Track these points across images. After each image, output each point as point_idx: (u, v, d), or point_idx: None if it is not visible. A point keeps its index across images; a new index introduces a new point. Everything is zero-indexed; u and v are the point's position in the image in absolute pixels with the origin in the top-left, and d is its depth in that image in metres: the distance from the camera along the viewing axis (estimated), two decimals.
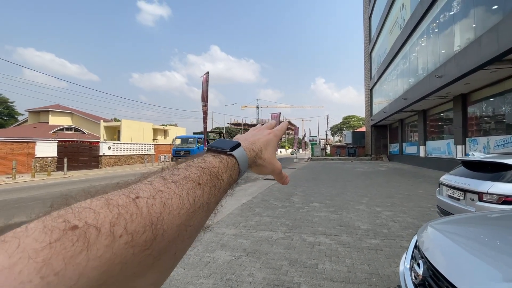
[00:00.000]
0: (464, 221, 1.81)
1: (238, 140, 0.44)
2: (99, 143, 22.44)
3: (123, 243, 0.21)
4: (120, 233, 0.21)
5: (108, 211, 0.22)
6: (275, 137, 0.53)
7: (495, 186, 2.96)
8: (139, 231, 0.23)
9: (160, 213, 0.25)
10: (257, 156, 0.45)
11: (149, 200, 0.25)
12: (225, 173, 0.37)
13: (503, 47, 7.25)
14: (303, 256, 3.55)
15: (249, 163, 0.43)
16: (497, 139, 10.29)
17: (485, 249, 1.43)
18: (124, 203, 0.24)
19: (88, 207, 0.22)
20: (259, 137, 0.49)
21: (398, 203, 6.76)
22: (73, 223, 0.20)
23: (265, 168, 0.48)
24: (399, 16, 18.61)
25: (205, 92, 7.81)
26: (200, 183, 0.32)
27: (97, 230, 0.20)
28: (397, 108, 18.26)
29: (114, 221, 0.22)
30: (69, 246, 0.19)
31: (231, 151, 0.40)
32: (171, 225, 0.26)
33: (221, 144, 0.41)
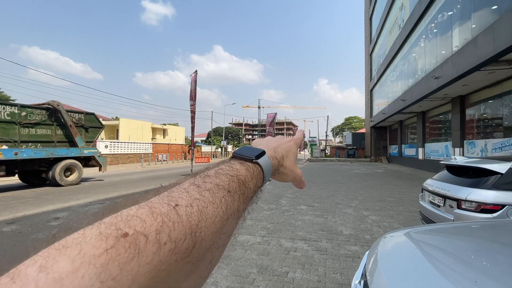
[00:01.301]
0: (424, 234, 1.64)
1: (261, 148, 0.44)
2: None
3: (168, 250, 0.23)
4: (165, 241, 0.23)
5: (153, 219, 0.23)
6: (295, 144, 0.53)
7: (474, 192, 2.77)
8: (181, 239, 0.24)
9: (198, 221, 0.26)
10: (279, 164, 0.46)
11: (188, 208, 0.26)
12: (251, 181, 0.37)
13: (499, 47, 7.04)
14: (275, 263, 3.39)
15: (273, 171, 0.44)
16: (495, 142, 10.05)
17: (438, 275, 1.26)
18: (166, 211, 0.25)
19: (135, 215, 0.23)
20: (280, 144, 0.49)
21: (388, 207, 6.58)
22: (125, 230, 0.21)
23: (287, 176, 0.48)
24: (398, 16, 18.37)
25: (193, 91, 7.66)
26: (230, 191, 0.32)
27: (145, 238, 0.21)
28: (396, 110, 18.01)
29: (159, 229, 0.23)
30: (123, 252, 0.20)
31: (256, 159, 0.40)
32: (208, 232, 0.27)
33: (246, 152, 0.41)
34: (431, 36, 13.08)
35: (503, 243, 1.53)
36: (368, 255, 1.54)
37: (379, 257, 1.39)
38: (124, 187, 10.60)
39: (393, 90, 20.37)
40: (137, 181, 12.47)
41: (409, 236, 1.59)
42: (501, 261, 1.30)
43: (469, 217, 2.70)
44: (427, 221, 3.51)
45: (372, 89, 29.39)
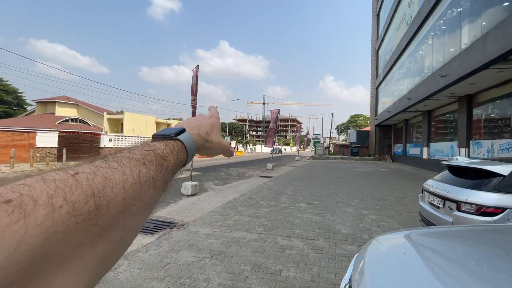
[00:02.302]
0: (417, 237, 1.58)
1: (182, 127, 0.45)
2: (100, 135, 22.58)
3: (65, 213, 0.22)
4: (60, 204, 0.22)
5: (44, 185, 0.23)
6: (216, 119, 0.56)
7: (474, 194, 2.68)
8: (80, 201, 0.23)
9: (102, 186, 0.26)
10: (204, 140, 0.48)
11: (90, 175, 0.26)
12: (171, 154, 0.38)
13: (509, 45, 6.82)
14: (270, 261, 3.35)
15: (197, 146, 0.46)
16: (502, 142, 9.82)
17: (427, 282, 1.20)
18: (62, 178, 0.24)
19: (22, 183, 0.23)
20: (202, 121, 0.52)
21: (389, 206, 6.49)
22: (7, 197, 0.21)
23: (216, 149, 0.51)
24: (406, 13, 17.97)
25: (194, 85, 7.61)
26: (145, 163, 0.32)
27: (34, 201, 0.21)
28: (401, 108, 17.74)
29: (51, 194, 0.22)
30: (4, 216, 0.20)
31: (176, 135, 0.41)
32: (115, 198, 0.26)
33: (165, 131, 0.42)
34: (439, 33, 12.77)
35: (506, 249, 1.46)
36: (357, 258, 1.49)
37: (366, 261, 1.33)
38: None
39: (399, 88, 20.04)
40: None
41: (400, 239, 1.53)
42: (503, 268, 1.23)
43: (468, 220, 2.62)
44: (426, 223, 3.43)
45: (378, 87, 28.98)
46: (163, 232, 4.37)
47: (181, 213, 5.68)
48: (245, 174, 14.00)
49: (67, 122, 32.07)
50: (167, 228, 4.63)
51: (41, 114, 34.60)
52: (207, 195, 7.79)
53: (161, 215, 5.56)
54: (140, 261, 3.31)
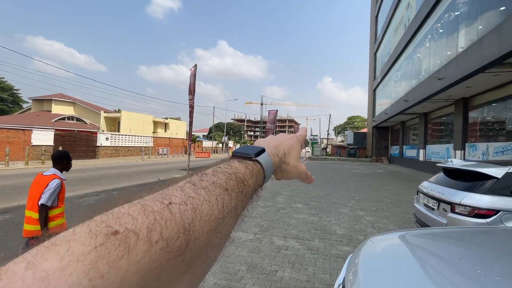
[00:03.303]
0: (410, 238, 1.59)
1: (261, 146, 0.44)
2: (97, 134, 22.45)
3: (159, 249, 0.22)
4: (156, 239, 0.22)
5: (145, 217, 0.23)
6: (298, 141, 0.52)
7: (468, 196, 2.71)
8: (173, 237, 0.24)
9: (192, 219, 0.26)
10: (281, 161, 0.45)
11: (181, 206, 0.26)
12: (250, 178, 0.37)
13: (505, 49, 6.88)
14: (265, 261, 3.36)
15: (274, 168, 0.43)
16: (497, 145, 9.92)
17: (418, 283, 1.21)
18: (159, 209, 0.24)
19: (126, 212, 0.23)
20: (282, 141, 0.49)
21: (384, 208, 6.52)
22: (115, 228, 0.21)
23: (291, 172, 0.48)
24: (404, 15, 18.08)
25: (192, 85, 7.60)
26: (228, 189, 0.32)
27: (136, 235, 0.21)
28: (398, 110, 17.83)
29: (150, 227, 0.22)
30: (112, 250, 0.20)
31: (255, 156, 0.40)
32: (202, 231, 0.26)
33: (245, 150, 0.41)
34: (437, 36, 12.86)
35: (500, 250, 1.48)
36: (351, 258, 1.50)
37: (360, 262, 1.34)
38: (122, 180, 10.62)
39: (396, 90, 20.15)
40: (135, 174, 12.48)
41: (394, 240, 1.54)
42: (496, 269, 1.25)
43: (462, 222, 2.64)
44: (421, 224, 3.45)
45: (375, 89, 29.11)
46: None
47: None
48: None
49: (64, 120, 31.81)
50: None
51: (37, 111, 34.30)
52: None
53: None
54: None
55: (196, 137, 43.20)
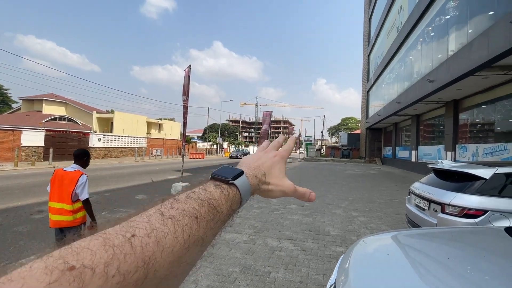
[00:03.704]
0: (401, 239, 1.61)
1: (242, 167, 0.44)
2: (89, 134, 22.12)
3: (115, 283, 0.23)
4: (113, 274, 0.23)
5: (104, 251, 0.23)
6: (281, 158, 0.51)
7: (458, 197, 2.76)
8: (131, 271, 0.24)
9: (153, 252, 0.26)
10: (260, 182, 0.45)
11: (144, 238, 0.26)
12: (225, 204, 0.37)
13: (494, 53, 7.06)
14: (259, 262, 3.35)
15: (252, 190, 0.43)
16: (486, 147, 10.14)
17: (409, 283, 1.23)
18: (120, 243, 0.25)
19: (86, 247, 0.23)
20: (264, 161, 0.49)
21: (377, 208, 6.59)
22: (71, 263, 0.21)
23: (272, 192, 0.47)
24: (397, 19, 18.37)
25: (186, 86, 7.56)
26: (198, 217, 0.32)
27: (92, 271, 0.22)
28: (391, 112, 18.07)
29: (108, 262, 0.23)
30: (66, 286, 0.20)
31: (233, 180, 0.40)
32: (164, 263, 0.27)
33: (224, 173, 0.41)
34: (428, 40, 13.10)
35: (489, 250, 1.51)
36: (343, 259, 1.51)
37: (351, 262, 1.35)
38: (114, 181, 10.48)
39: (389, 92, 20.43)
40: (128, 175, 12.34)
41: (385, 240, 1.56)
42: (485, 268, 1.27)
43: (452, 222, 2.69)
44: (412, 224, 3.51)
45: (369, 91, 29.46)
46: None
47: None
48: None
49: (55, 120, 31.26)
50: None
51: (27, 112, 33.61)
52: None
53: None
54: None
55: (191, 138, 42.96)
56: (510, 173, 2.79)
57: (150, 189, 8.94)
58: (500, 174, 2.78)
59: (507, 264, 1.19)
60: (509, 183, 2.73)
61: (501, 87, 9.40)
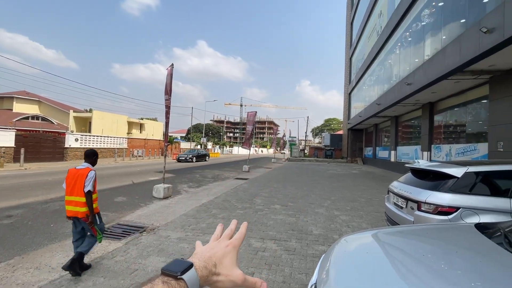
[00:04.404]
0: (379, 237, 1.66)
1: (194, 258, 0.47)
2: (66, 134, 21.09)
3: None
4: None
5: None
6: (233, 248, 0.52)
7: (433, 195, 2.89)
8: None
9: None
10: (210, 273, 0.46)
11: None
12: None
13: (465, 58, 7.47)
14: (242, 263, 3.33)
15: (201, 283, 0.44)
16: (458, 147, 10.71)
17: (388, 283, 1.25)
18: None
19: None
20: (216, 251, 0.50)
21: (359, 207, 6.76)
22: None
23: (222, 282, 0.47)
24: (377, 23, 19.01)
25: (169, 85, 7.39)
26: None
27: None
28: (371, 113, 18.67)
29: None
30: None
31: (182, 274, 0.41)
32: None
33: (173, 267, 0.42)
34: (406, 44, 13.66)
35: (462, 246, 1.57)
36: (324, 258, 1.52)
37: (332, 261, 1.36)
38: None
39: (370, 94, 21.10)
40: (107, 177, 11.88)
41: (365, 239, 1.59)
42: (459, 264, 1.32)
43: (427, 219, 2.81)
44: (391, 222, 3.62)
45: (351, 92, 30.28)
46: (132, 237, 4.17)
47: (152, 217, 5.47)
48: (220, 176, 13.86)
49: (27, 119, 29.55)
50: (136, 233, 4.42)
51: None
52: (180, 198, 7.58)
53: (130, 220, 5.32)
54: (105, 269, 3.12)
55: (174, 138, 42.09)
56: (480, 171, 2.95)
57: (130, 191, 8.65)
58: (470, 173, 2.93)
59: (477, 259, 1.25)
60: (479, 181, 2.90)
61: (472, 90, 9.97)
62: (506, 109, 7.59)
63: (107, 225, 4.92)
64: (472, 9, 8.05)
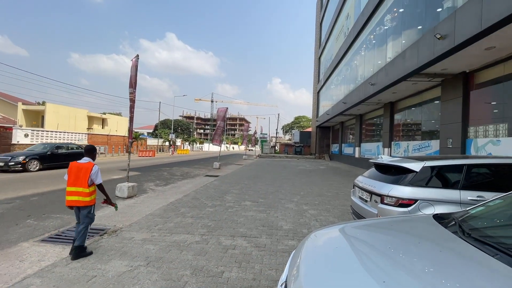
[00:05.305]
0: (347, 231, 1.69)
1: None
2: (13, 129, 18.89)
3: None
4: None
5: None
6: None
7: (395, 189, 3.06)
8: None
9: None
10: None
11: None
12: None
13: (421, 61, 8.09)
14: (212, 263, 3.23)
15: None
16: (415, 143, 11.64)
17: (357, 276, 1.26)
18: None
19: None
20: None
21: (326, 201, 7.01)
22: None
23: None
24: (344, 25, 19.81)
25: (133, 77, 6.93)
26: None
27: None
28: (338, 111, 19.50)
29: None
30: None
31: None
32: None
33: None
34: (370, 46, 14.43)
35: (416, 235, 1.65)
36: (294, 254, 1.50)
37: (302, 257, 1.34)
38: (45, 183, 9.14)
39: (337, 93, 22.01)
40: (63, 175, 10.87)
41: (333, 233, 1.61)
42: (414, 252, 1.38)
43: (389, 211, 2.98)
44: (356, 215, 3.78)
45: (319, 91, 31.32)
46: (90, 241, 3.84)
47: (114, 217, 5.11)
48: (190, 173, 13.48)
49: None
50: (96, 236, 4.08)
51: None
52: (146, 197, 7.20)
53: None
54: (57, 278, 2.81)
55: (140, 134, 39.97)
56: (435, 166, 3.20)
57: None
58: (427, 167, 3.16)
59: (437, 249, 1.32)
60: (434, 174, 3.13)
61: (426, 92, 10.86)
62: (455, 109, 8.39)
63: (62, 229, 4.48)
64: (428, 16, 8.72)
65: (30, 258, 3.31)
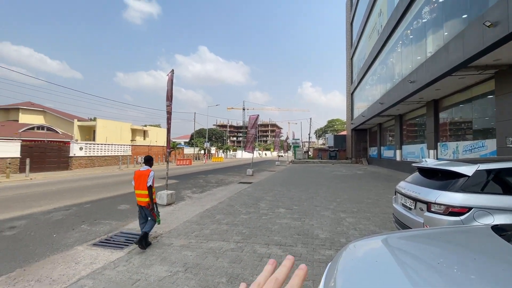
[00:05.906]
0: (390, 243, 1.55)
1: None
2: (70, 143, 21.25)
3: None
4: None
5: None
6: None
7: (443, 195, 2.76)
8: None
9: None
10: None
11: None
12: None
13: (468, 54, 7.33)
14: (247, 271, 3.23)
15: None
16: (465, 144, 10.49)
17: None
18: None
19: None
20: None
21: (365, 208, 6.61)
22: None
23: None
24: (377, 22, 18.92)
25: (169, 91, 7.37)
26: None
27: None
28: (375, 113, 18.48)
29: None
30: None
31: None
32: None
33: None
34: (407, 42, 13.53)
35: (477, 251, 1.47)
36: (330, 266, 1.42)
37: (339, 269, 1.27)
38: (96, 191, 10.05)
39: (372, 93, 20.92)
40: (111, 184, 11.88)
41: (374, 244, 1.49)
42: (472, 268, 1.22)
43: (438, 220, 2.69)
44: (399, 224, 3.49)
45: (353, 92, 30.10)
46: (134, 246, 4.10)
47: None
48: (224, 180, 13.77)
49: (33, 130, 29.90)
50: None
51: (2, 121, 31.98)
52: (183, 204, 7.51)
53: (133, 228, 5.27)
54: (106, 280, 3.04)
55: (177, 144, 42.20)
56: (491, 169, 2.83)
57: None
58: (482, 171, 2.81)
59: (498, 267, 1.14)
60: (491, 179, 2.77)
61: (477, 86, 9.79)
62: None
63: (110, 234, 4.86)
64: (474, 3, 7.92)
65: (84, 260, 3.64)
